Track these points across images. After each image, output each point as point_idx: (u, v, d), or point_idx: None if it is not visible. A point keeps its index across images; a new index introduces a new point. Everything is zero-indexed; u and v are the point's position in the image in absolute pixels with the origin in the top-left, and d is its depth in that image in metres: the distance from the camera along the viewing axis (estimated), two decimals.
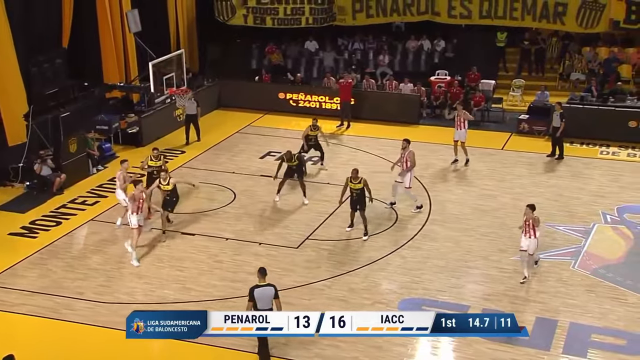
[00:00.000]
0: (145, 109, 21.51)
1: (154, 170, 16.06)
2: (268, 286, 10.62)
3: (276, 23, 25.62)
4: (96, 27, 21.58)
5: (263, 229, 15.82)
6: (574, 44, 25.73)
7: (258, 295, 10.51)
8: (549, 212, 16.54)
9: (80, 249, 15.16)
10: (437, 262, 14.40)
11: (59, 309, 12.79)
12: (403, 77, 24.19)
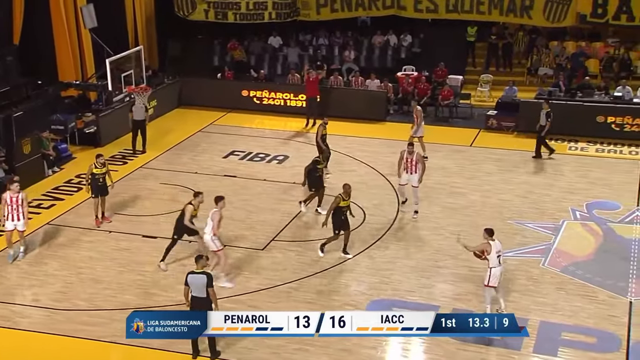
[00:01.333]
0: (103, 107, 21.25)
1: (99, 177, 15.58)
2: (202, 274, 11.04)
3: (238, 18, 25.51)
4: (50, 22, 21.28)
5: (228, 230, 15.70)
6: (541, 39, 26.10)
7: (190, 280, 11.01)
8: (519, 209, 16.77)
9: (35, 254, 14.90)
10: (406, 262, 14.48)
11: (13, 317, 12.56)
12: (369, 73, 24.29)
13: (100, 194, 15.69)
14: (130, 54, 22.25)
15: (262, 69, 25.68)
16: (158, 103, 22.92)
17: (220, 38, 27.11)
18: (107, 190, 15.83)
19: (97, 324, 12.23)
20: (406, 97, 23.67)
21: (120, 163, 19.55)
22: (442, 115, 23.34)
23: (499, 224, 15.96)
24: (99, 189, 15.61)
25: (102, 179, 15.57)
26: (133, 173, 18.92)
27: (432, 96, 23.60)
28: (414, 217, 16.13)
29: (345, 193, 14.10)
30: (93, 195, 15.68)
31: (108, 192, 15.87)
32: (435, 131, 22.07)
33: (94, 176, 15.55)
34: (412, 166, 15.97)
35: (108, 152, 20.10)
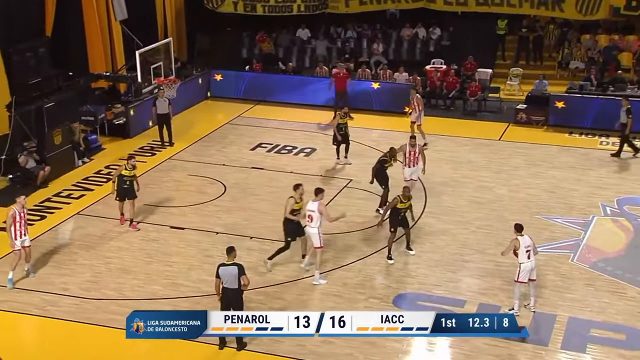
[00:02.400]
0: (132, 99, 21.42)
1: (127, 180, 15.14)
2: (233, 265, 11.15)
3: (267, 10, 25.54)
4: (81, 14, 21.47)
5: (254, 222, 15.80)
6: (573, 32, 25.76)
7: (222, 272, 11.12)
8: (547, 204, 16.62)
9: (66, 244, 15.12)
10: (432, 255, 14.43)
11: (44, 305, 12.76)
12: (398, 66, 24.20)
13: (127, 196, 15.16)
14: (159, 46, 22.37)
15: (290, 62, 25.71)
16: (187, 95, 23.07)
17: (249, 30, 27.18)
18: (135, 193, 15.28)
19: (126, 314, 12.32)
20: (434, 91, 23.57)
21: (149, 154, 19.73)
22: (471, 109, 23.17)
23: (527, 219, 15.84)
24: (124, 192, 15.13)
25: (129, 182, 15.09)
26: (161, 164, 19.09)
27: (460, 90, 23.45)
28: None
29: (404, 196, 14.00)
30: (118, 198, 15.23)
31: (136, 195, 15.32)
32: (463, 125, 21.96)
33: (121, 178, 15.11)
34: (414, 159, 16.00)
35: (137, 144, 20.36)
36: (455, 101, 23.44)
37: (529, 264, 12.10)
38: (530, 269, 12.15)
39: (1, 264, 14.03)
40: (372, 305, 12.75)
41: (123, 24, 22.56)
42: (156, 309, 12.38)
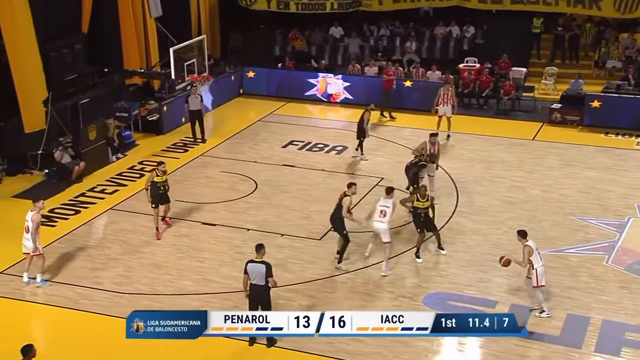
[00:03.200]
0: (165, 95, 21.61)
1: (160, 186, 14.90)
2: (261, 263, 11.19)
3: (300, 8, 25.59)
4: (116, 12, 21.72)
5: (285, 220, 15.85)
6: (610, 30, 25.38)
7: (250, 269, 11.20)
8: (581, 205, 16.40)
9: (99, 238, 15.31)
10: (463, 255, 14.33)
11: (78, 299, 12.94)
12: (431, 65, 24.06)
13: (161, 202, 14.99)
14: (193, 43, 22.56)
15: (323, 59, 25.72)
16: (219, 92, 23.21)
17: (282, 28, 27.25)
18: (169, 198, 15.14)
19: (158, 309, 12.49)
20: (468, 90, 23.37)
21: (182, 151, 19.90)
22: (504, 108, 22.95)
23: (560, 220, 15.70)
24: (159, 198, 14.90)
25: (162, 187, 14.89)
26: (193, 161, 19.23)
27: (494, 89, 23.24)
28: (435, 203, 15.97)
29: (421, 195, 14.01)
30: (153, 204, 14.93)
31: (169, 199, 15.18)
32: (497, 124, 21.76)
33: (154, 184, 14.84)
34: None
35: (170, 140, 20.54)
36: (488, 100, 23.23)
37: (543, 267, 11.93)
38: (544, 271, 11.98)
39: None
40: (401, 304, 12.71)
41: (157, 21, 22.77)
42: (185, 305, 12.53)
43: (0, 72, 17.87)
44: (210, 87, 22.25)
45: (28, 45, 17.96)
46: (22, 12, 17.69)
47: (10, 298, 12.94)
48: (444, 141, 20.00)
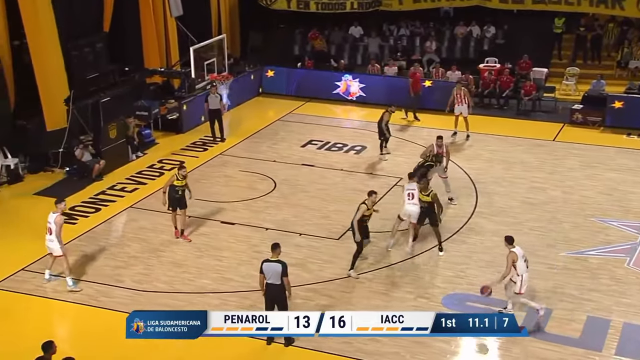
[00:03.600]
0: (185, 94, 21.72)
1: (178, 190, 14.68)
2: (277, 262, 11.20)
3: (320, 8, 25.60)
4: (137, 11, 21.85)
5: (304, 219, 15.87)
6: (633, 30, 25.13)
7: (265, 268, 11.23)
8: (603, 206, 16.27)
9: (119, 236, 15.42)
10: (482, 256, 14.26)
11: (98, 296, 13.04)
12: (450, 65, 23.97)
13: (178, 206, 14.74)
14: (213, 43, 22.64)
15: (342, 59, 25.72)
16: (238, 91, 23.30)
17: (302, 27, 27.27)
18: (186, 203, 14.82)
19: (177, 307, 12.56)
20: (488, 90, 23.25)
21: (201, 150, 19.99)
22: (525, 108, 22.81)
23: (581, 221, 15.59)
24: (175, 202, 14.68)
25: (180, 191, 14.66)
26: (213, 160, 19.31)
27: (514, 89, 23.11)
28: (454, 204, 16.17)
29: (422, 188, 14.16)
30: (170, 208, 14.78)
31: (186, 204, 14.88)
32: (517, 125, 21.64)
33: (172, 187, 14.63)
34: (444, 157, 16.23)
35: (189, 139, 20.65)
36: (509, 100, 23.10)
37: (527, 274, 11.74)
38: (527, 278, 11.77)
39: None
40: (420, 304, 12.69)
41: (178, 20, 22.88)
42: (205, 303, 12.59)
43: (23, 71, 18.04)
44: (229, 86, 22.33)
45: (51, 44, 18.11)
46: (45, 12, 17.85)
47: (32, 295, 13.07)
48: (462, 141, 19.98)
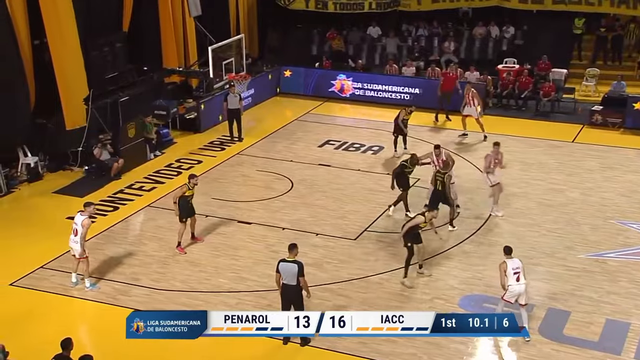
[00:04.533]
0: (203, 94, 21.79)
1: (189, 199, 14.49)
2: (293, 262, 11.19)
3: (338, 8, 25.61)
4: (156, 10, 21.96)
5: (320, 219, 15.87)
6: None
7: (282, 268, 11.24)
8: (622, 208, 16.13)
9: (136, 235, 15.51)
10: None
11: (115, 294, 13.12)
12: (469, 65, 23.86)
13: (189, 215, 14.57)
14: (231, 43, 22.69)
15: (360, 59, 25.70)
16: (257, 91, 23.36)
17: (319, 27, 27.28)
18: (194, 209, 14.66)
19: (194, 306, 12.61)
20: (507, 91, 23.11)
21: (218, 149, 20.05)
22: (544, 109, 22.66)
23: (600, 223, 15.46)
24: (188, 212, 14.48)
25: (191, 201, 14.51)
26: (230, 159, 19.36)
27: (533, 90, 22.96)
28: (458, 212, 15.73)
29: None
30: (183, 219, 14.43)
31: (195, 211, 14.72)
32: (536, 126, 21.51)
33: (184, 198, 14.34)
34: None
35: (207, 138, 20.73)
36: (527, 101, 22.96)
37: (517, 286, 11.58)
38: (518, 292, 11.61)
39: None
40: (436, 305, 12.65)
41: (197, 20, 22.97)
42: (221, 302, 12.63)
43: (43, 70, 18.20)
44: (247, 86, 22.40)
45: (70, 43, 18.24)
46: (65, 11, 17.97)
47: (50, 292, 13.18)
48: (478, 142, 19.87)
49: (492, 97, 23.30)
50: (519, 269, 11.65)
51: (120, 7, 20.65)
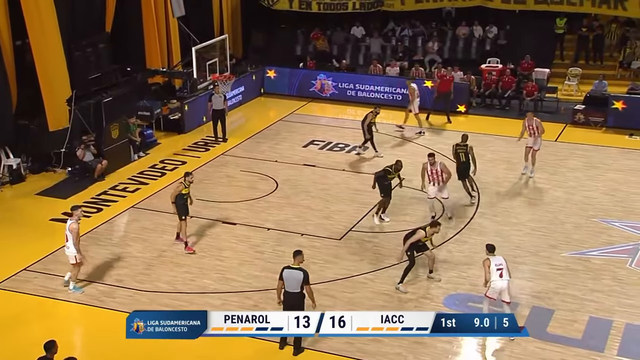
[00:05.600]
0: (187, 95, 21.74)
1: (187, 197, 14.45)
2: (298, 270, 10.98)
3: (322, 8, 25.63)
4: (140, 11, 21.86)
5: (305, 219, 15.89)
6: (635, 30, 25.12)
7: (286, 275, 11.01)
8: (605, 206, 16.28)
9: (121, 236, 15.45)
10: (484, 256, 14.21)
11: (100, 296, 13.06)
12: (452, 65, 23.98)
13: (187, 213, 14.50)
14: (215, 43, 22.64)
15: (344, 59, 25.73)
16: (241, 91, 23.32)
17: (303, 28, 27.29)
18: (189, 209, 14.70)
19: (179, 307, 12.57)
20: (489, 90, 23.23)
21: (203, 150, 20.01)
22: (527, 109, 22.76)
23: (583, 222, 15.60)
24: (186, 209, 14.43)
25: (187, 199, 14.47)
26: (214, 160, 19.33)
27: (516, 89, 23.11)
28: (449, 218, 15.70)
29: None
30: (183, 217, 14.40)
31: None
32: (519, 125, 21.47)
33: (181, 196, 14.31)
34: (438, 177, 15.37)
35: (191, 139, 20.68)
36: (511, 101, 23.11)
37: (499, 282, 11.66)
38: (500, 288, 11.69)
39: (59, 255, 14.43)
40: (422, 305, 12.70)
41: (180, 20, 22.89)
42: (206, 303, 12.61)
43: (25, 71, 18.07)
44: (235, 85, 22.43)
45: (53, 44, 18.12)
46: (47, 12, 17.85)
47: (34, 295, 13.09)
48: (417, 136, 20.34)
49: (476, 96, 23.43)
50: (502, 265, 11.74)
51: (103, 8, 20.55)
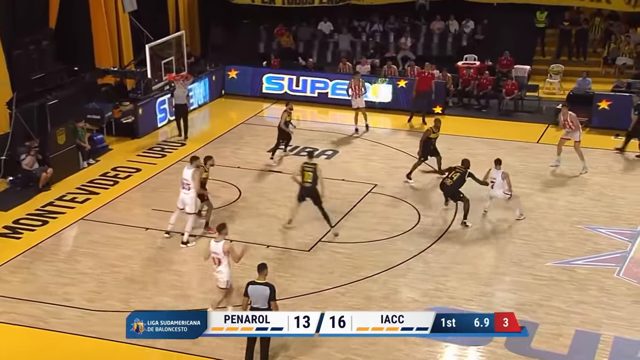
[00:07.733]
0: (141, 96, 21.58)
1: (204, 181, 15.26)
2: (264, 285, 10.97)
3: (287, 2, 25.69)
4: (87, 6, 21.72)
5: (271, 230, 15.83)
6: (619, 24, 25.55)
7: (251, 291, 11.01)
8: (590, 212, 16.48)
9: (69, 251, 15.24)
10: (463, 267, 14.34)
11: (46, 317, 12.85)
12: (427, 63, 24.12)
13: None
14: (171, 40, 22.57)
15: (311, 57, 25.77)
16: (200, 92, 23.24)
17: (267, 23, 27.29)
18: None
19: None
20: (467, 88, 23.43)
21: (159, 156, 19.86)
22: (506, 108, 23.04)
23: (567, 229, 15.78)
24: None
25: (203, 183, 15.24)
26: (171, 167, 19.18)
27: (495, 88, 23.33)
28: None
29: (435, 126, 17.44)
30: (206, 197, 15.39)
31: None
32: (498, 126, 21.85)
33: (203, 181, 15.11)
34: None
35: (146, 144, 20.52)
36: (489, 100, 23.32)
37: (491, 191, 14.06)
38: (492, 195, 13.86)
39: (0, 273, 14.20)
40: None
41: (132, 15, 22.74)
42: None
43: None
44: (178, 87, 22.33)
45: None
46: None
47: None
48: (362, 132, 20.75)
49: (452, 95, 23.60)
50: (495, 180, 15.29)
51: (46, 2, 20.34)
